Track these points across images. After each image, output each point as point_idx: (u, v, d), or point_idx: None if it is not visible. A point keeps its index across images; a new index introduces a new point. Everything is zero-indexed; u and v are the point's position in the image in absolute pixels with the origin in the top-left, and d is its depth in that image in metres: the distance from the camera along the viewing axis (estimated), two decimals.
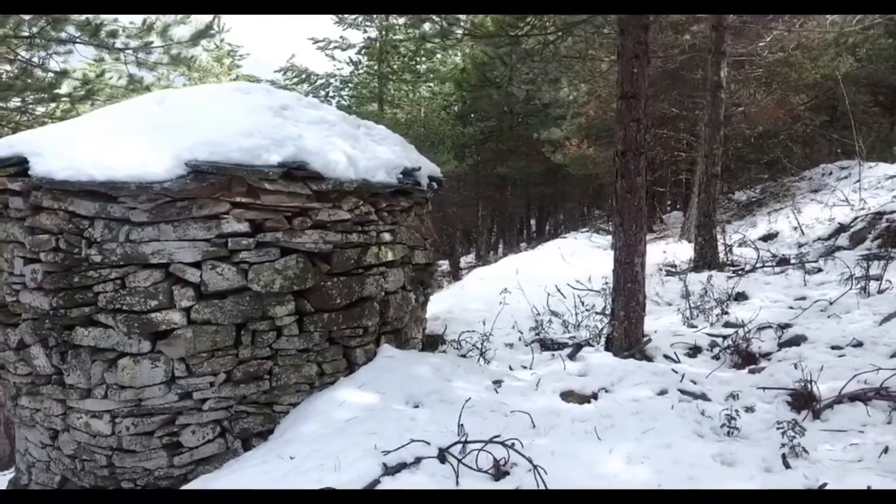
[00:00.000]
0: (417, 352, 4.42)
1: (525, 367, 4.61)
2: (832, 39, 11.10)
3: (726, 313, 5.78)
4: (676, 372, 3.84)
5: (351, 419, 3.34)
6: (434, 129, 16.15)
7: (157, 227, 3.39)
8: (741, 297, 6.28)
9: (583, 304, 6.48)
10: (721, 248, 8.28)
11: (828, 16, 9.15)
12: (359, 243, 4.04)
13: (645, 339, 4.78)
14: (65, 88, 9.00)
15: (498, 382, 4.03)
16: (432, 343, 5.29)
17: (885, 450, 2.58)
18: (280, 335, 3.69)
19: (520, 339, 5.63)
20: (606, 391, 3.73)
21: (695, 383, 3.81)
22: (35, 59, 8.40)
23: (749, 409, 3.37)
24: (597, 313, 6.20)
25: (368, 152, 4.37)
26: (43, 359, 3.60)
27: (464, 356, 4.76)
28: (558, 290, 7.27)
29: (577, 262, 10.41)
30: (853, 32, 9.40)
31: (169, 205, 3.40)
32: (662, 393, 3.55)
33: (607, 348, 4.79)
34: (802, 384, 3.26)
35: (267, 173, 3.46)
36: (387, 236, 4.32)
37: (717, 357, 4.75)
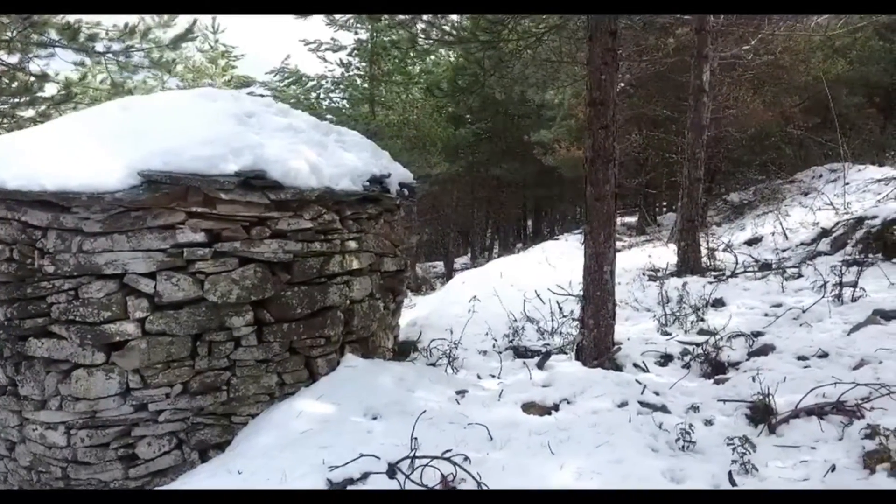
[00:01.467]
0: (383, 361, 4.39)
1: (493, 376, 4.58)
2: (819, 42, 11.09)
3: (702, 320, 5.74)
4: (640, 383, 3.80)
5: (306, 431, 3.30)
6: (426, 130, 16.10)
7: (110, 238, 3.35)
8: (718, 303, 6.25)
9: (560, 309, 6.46)
10: (704, 252, 8.25)
11: (813, 17, 9.12)
12: (321, 252, 4.01)
13: (615, 347, 4.74)
14: (48, 92, 8.99)
15: (462, 392, 3.99)
16: (404, 351, 5.26)
17: (832, 468, 2.54)
18: (238, 346, 3.66)
19: (493, 347, 5.60)
20: (568, 402, 3.69)
21: (657, 394, 3.77)
22: (16, 63, 8.37)
23: (708, 423, 3.34)
24: (573, 320, 6.17)
25: (334, 160, 4.34)
26: None
27: (433, 364, 4.73)
28: (537, 295, 7.24)
29: (562, 265, 10.38)
30: (839, 35, 9.36)
31: (123, 215, 3.37)
32: (623, 405, 3.51)
33: (577, 357, 4.76)
34: (761, 397, 3.23)
35: (223, 183, 3.43)
36: (352, 244, 4.29)
37: (687, 366, 4.72)
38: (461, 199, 22.75)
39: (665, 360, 4.87)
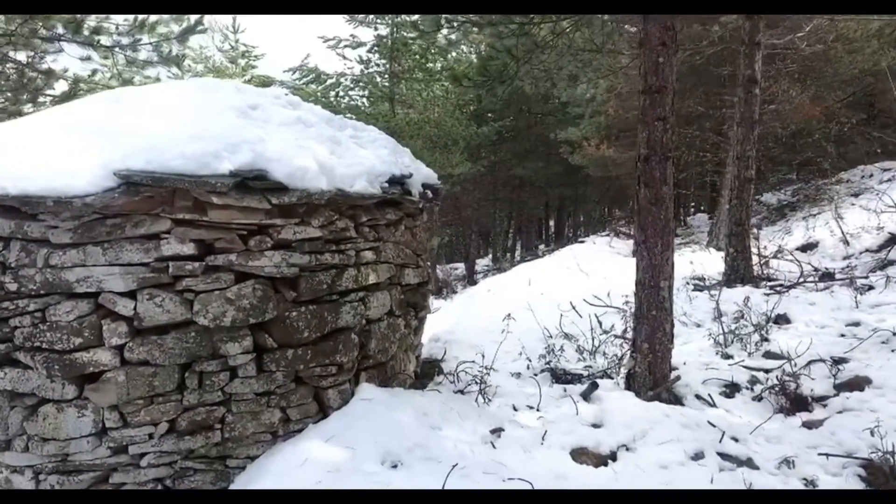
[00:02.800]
0: (403, 390, 3.80)
1: (531, 408, 3.96)
2: (875, 31, 10.20)
3: (766, 340, 5.04)
4: (713, 425, 3.15)
5: (312, 486, 2.73)
6: (447, 129, 15.50)
7: (82, 250, 2.83)
8: (782, 319, 5.53)
9: (600, 325, 5.79)
10: (755, 259, 7.49)
11: None
12: (333, 265, 3.43)
13: (673, 376, 4.09)
14: (58, 90, 8.63)
15: (497, 431, 3.38)
16: (427, 373, 4.66)
17: None
18: (234, 376, 3.10)
19: (528, 368, 4.98)
20: (627, 449, 3.06)
21: (736, 440, 3.12)
22: (22, 59, 8.01)
23: (809, 483, 2.67)
24: (616, 336, 5.51)
25: (348, 158, 3.76)
26: None
27: (461, 392, 4.13)
28: (573, 307, 6.58)
29: (595, 271, 9.69)
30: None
31: (97, 223, 2.84)
32: (698, 456, 2.87)
33: (628, 386, 4.11)
34: (882, 456, 2.55)
35: (215, 185, 2.87)
36: (369, 255, 3.71)
37: (758, 398, 4.04)
38: (482, 199, 22.13)
39: (731, 390, 4.19)
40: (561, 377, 4.74)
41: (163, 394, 2.95)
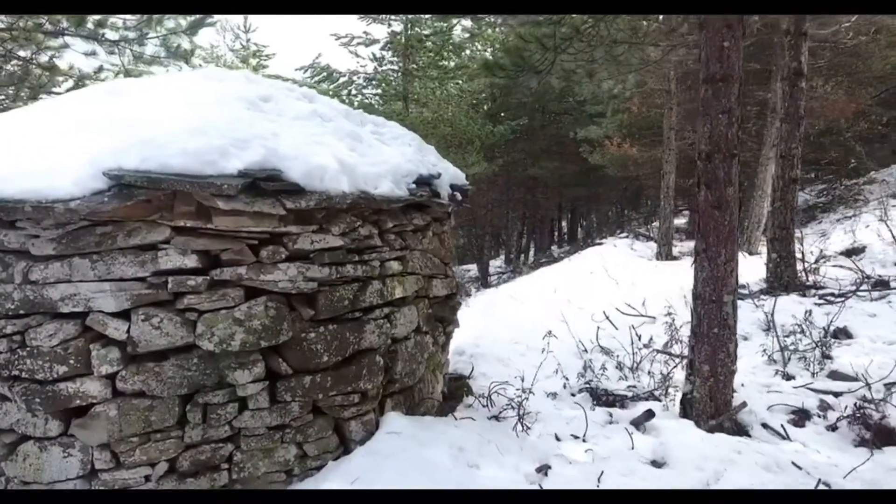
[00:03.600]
0: (433, 419, 3.36)
1: (577, 438, 3.51)
2: None
3: (828, 357, 4.55)
4: (799, 467, 2.69)
5: None
6: (462, 128, 15.07)
7: (67, 263, 2.42)
8: (842, 334, 5.03)
9: (639, 337, 5.33)
10: (799, 265, 6.98)
11: None
12: (355, 277, 3.01)
13: (737, 401, 3.62)
14: (63, 86, 8.31)
15: (543, 469, 2.94)
16: (455, 393, 4.22)
17: None
18: (244, 408, 2.68)
19: (565, 387, 4.53)
20: None
21: (828, 486, 2.65)
22: (25, 55, 7.68)
23: None
24: (658, 351, 5.04)
25: (371, 156, 3.35)
26: None
27: (496, 418, 3.69)
28: (607, 318, 6.12)
29: (621, 275, 9.22)
30: None
31: (85, 231, 2.43)
32: None
33: (684, 413, 3.65)
34: None
35: (221, 187, 2.46)
36: (394, 266, 3.29)
37: (832, 428, 3.57)
38: (496, 199, 21.68)
39: (800, 417, 3.71)
40: (602, 398, 4.29)
41: (161, 429, 2.54)
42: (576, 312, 6.73)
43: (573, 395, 4.43)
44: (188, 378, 2.55)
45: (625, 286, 8.32)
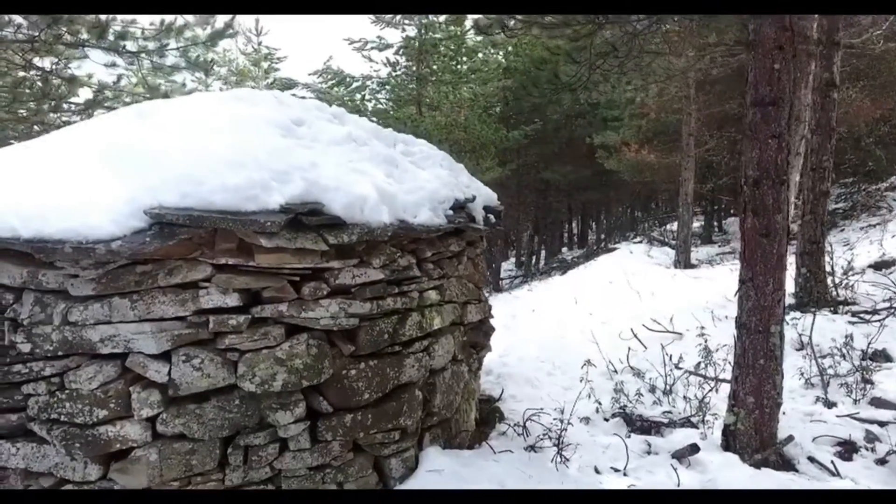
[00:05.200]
0: (472, 455, 3.27)
1: (617, 471, 3.41)
2: None
3: (869, 382, 4.42)
4: None
5: None
6: (476, 133, 14.97)
7: (107, 304, 2.36)
8: (880, 356, 4.90)
9: (670, 357, 5.21)
10: (829, 280, 6.82)
11: None
12: (394, 310, 2.93)
13: (782, 435, 3.50)
14: (82, 96, 8.30)
15: None
16: (487, 419, 4.13)
17: None
18: (284, 449, 2.61)
19: (597, 411, 4.42)
20: None
21: None
22: (47, 66, 7.67)
23: None
24: (691, 373, 4.93)
25: (408, 181, 3.27)
26: None
27: (532, 448, 3.59)
28: (635, 336, 6.01)
29: (641, 285, 9.08)
30: None
31: (125, 271, 2.37)
32: None
33: (726, 445, 3.53)
34: None
35: (264, 224, 2.38)
36: (433, 295, 3.21)
37: (882, 461, 3.44)
38: (509, 203, 21.56)
39: (846, 449, 3.59)
40: (637, 424, 4.18)
41: (202, 473, 2.47)
42: (599, 327, 6.61)
43: (606, 419, 4.32)
44: (229, 420, 2.48)
45: (646, 297, 8.19)
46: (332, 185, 2.69)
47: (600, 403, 4.45)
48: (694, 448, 3.40)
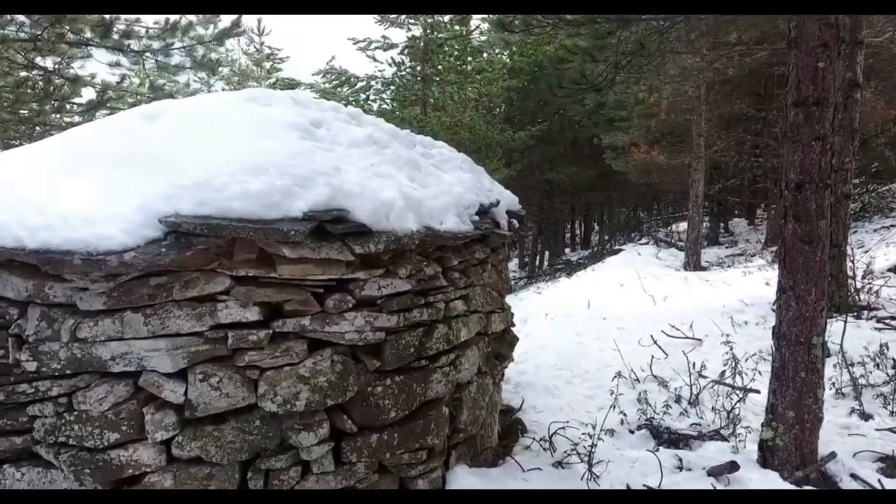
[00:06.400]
0: (500, 473, 3.11)
1: (650, 489, 3.24)
2: None
3: None
4: None
5: None
6: (481, 133, 14.82)
7: (119, 319, 2.19)
8: None
9: (693, 365, 5.04)
10: (850, 284, 6.65)
11: None
12: (420, 322, 2.77)
13: (824, 451, 3.34)
14: (85, 96, 8.15)
15: None
16: (509, 431, 3.96)
17: None
18: (307, 472, 2.45)
19: (622, 423, 4.25)
20: None
21: None
22: (50, 66, 7.51)
23: None
24: (717, 382, 4.76)
25: (432, 186, 3.11)
26: None
27: (560, 464, 3.42)
28: (654, 342, 5.84)
29: (653, 288, 8.92)
30: None
31: (138, 283, 2.20)
32: None
33: (764, 461, 3.37)
34: None
35: (287, 233, 2.22)
36: (459, 305, 3.04)
37: None
38: None
39: (889, 465, 3.43)
40: (664, 437, 4.01)
41: None
42: (616, 333, 6.45)
43: (632, 432, 4.16)
44: (249, 442, 2.31)
45: (660, 301, 8.02)
46: (357, 191, 2.53)
47: (625, 415, 4.28)
48: (734, 466, 3.23)
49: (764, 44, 7.73)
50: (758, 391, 4.44)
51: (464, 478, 2.83)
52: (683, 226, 15.92)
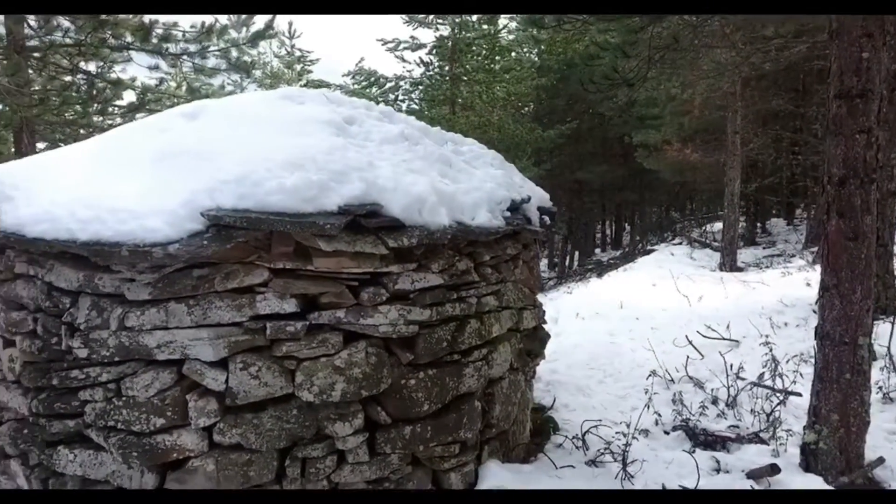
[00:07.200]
0: (532, 469, 3.11)
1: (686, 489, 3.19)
2: None
3: None
4: None
5: None
6: (510, 132, 14.77)
7: (163, 309, 2.27)
8: None
9: (730, 367, 4.92)
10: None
11: None
12: (453, 317, 2.79)
13: (871, 456, 3.23)
14: (126, 99, 8.45)
15: None
16: (540, 428, 3.94)
17: None
18: (342, 461, 2.49)
19: (657, 424, 4.18)
20: None
21: None
22: (93, 70, 7.82)
23: None
24: (755, 384, 4.63)
25: (463, 182, 3.12)
26: (23, 480, 2.59)
27: (593, 463, 3.40)
28: (690, 343, 5.73)
29: (687, 289, 8.74)
30: None
31: (182, 275, 2.28)
32: None
33: (807, 465, 3.27)
34: None
35: (323, 226, 2.27)
36: (491, 301, 3.05)
37: None
38: None
39: None
40: (701, 439, 3.93)
41: (260, 485, 2.37)
42: (649, 333, 6.34)
43: (667, 432, 4.08)
44: (286, 430, 2.37)
45: (694, 301, 7.85)
46: (390, 186, 2.56)
47: (660, 415, 4.21)
48: (774, 468, 3.15)
49: (803, 37, 7.50)
50: (799, 394, 4.31)
51: (496, 473, 2.84)
52: (718, 226, 15.54)
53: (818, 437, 3.20)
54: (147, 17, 7.03)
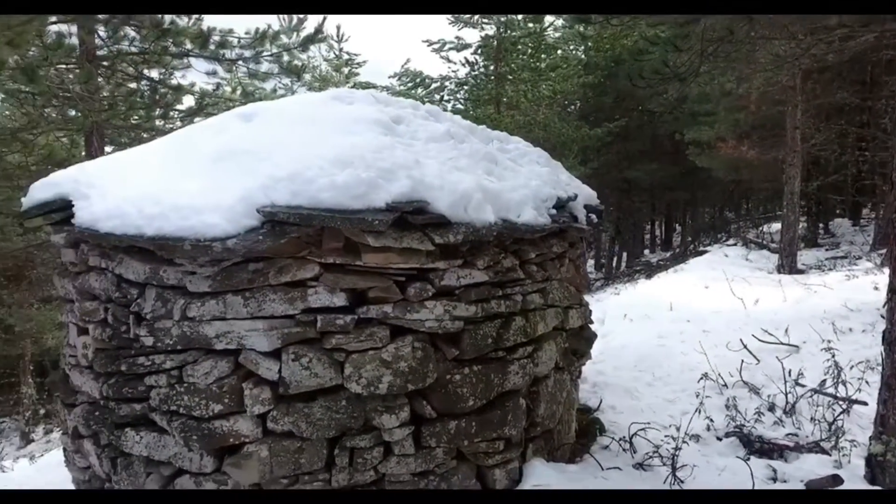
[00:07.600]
0: (578, 470, 3.08)
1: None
2: None
3: None
4: None
5: None
6: (556, 131, 14.58)
7: (222, 300, 2.39)
8: None
9: (789, 373, 4.71)
10: None
11: None
12: (498, 313, 2.79)
13: None
14: (186, 103, 8.87)
15: None
16: (586, 430, 3.89)
17: None
18: (388, 453, 2.55)
19: (709, 429, 4.05)
20: None
21: None
22: (155, 76, 8.25)
23: None
24: (816, 391, 4.42)
25: (509, 179, 3.12)
26: (94, 459, 2.78)
27: (641, 466, 3.33)
28: (744, 346, 5.51)
29: (744, 291, 8.39)
30: None
31: (238, 268, 2.39)
32: None
33: (872, 477, 3.10)
34: None
35: (371, 222, 2.33)
36: (536, 299, 3.04)
37: None
38: None
39: None
40: (756, 447, 3.78)
41: (309, 472, 2.46)
42: (701, 336, 6.13)
43: (719, 439, 3.95)
44: (335, 420, 2.44)
45: (750, 304, 7.54)
46: (437, 184, 2.60)
47: (712, 420, 4.08)
48: (836, 479, 3.00)
49: (870, 25, 7.05)
50: (865, 403, 4.09)
51: (541, 471, 2.83)
52: (776, 226, 14.84)
53: (886, 448, 3.03)
54: (205, 25, 7.35)
